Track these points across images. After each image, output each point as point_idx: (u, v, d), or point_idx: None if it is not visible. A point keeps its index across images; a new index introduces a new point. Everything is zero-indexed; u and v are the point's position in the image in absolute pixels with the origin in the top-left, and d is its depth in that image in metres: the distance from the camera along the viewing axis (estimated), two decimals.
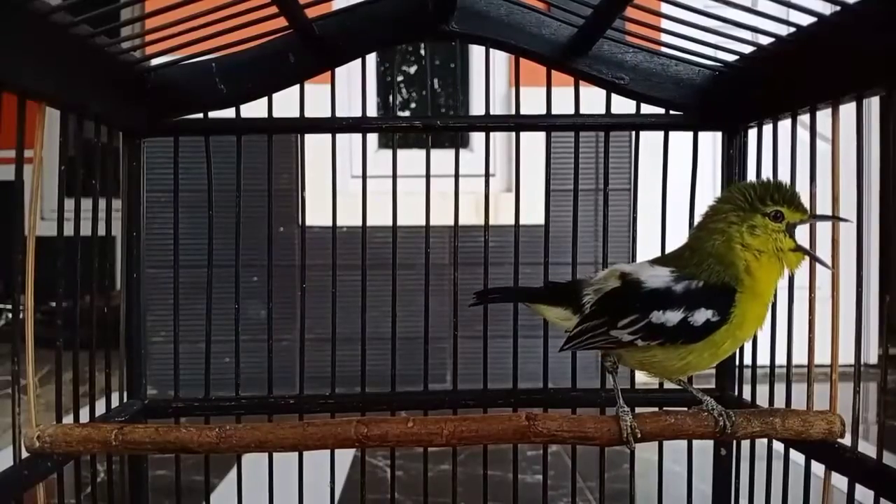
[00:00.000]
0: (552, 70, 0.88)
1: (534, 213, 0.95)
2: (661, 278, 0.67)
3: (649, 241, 0.89)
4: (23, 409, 0.64)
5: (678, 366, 0.68)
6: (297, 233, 2.37)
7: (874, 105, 2.56)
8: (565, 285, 0.74)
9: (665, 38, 0.81)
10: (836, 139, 0.68)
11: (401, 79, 2.88)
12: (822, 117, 0.73)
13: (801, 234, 0.68)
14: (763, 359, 0.82)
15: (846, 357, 0.65)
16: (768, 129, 0.82)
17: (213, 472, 0.90)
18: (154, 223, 1.09)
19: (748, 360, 0.86)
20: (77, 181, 0.76)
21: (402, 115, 2.88)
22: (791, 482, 0.75)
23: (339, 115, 0.89)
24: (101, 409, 0.80)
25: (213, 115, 0.88)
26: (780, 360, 0.78)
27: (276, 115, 0.89)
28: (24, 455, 0.64)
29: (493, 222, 0.91)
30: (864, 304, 0.68)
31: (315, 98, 0.89)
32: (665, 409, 0.71)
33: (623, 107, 0.89)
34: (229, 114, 0.88)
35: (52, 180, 0.66)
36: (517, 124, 0.90)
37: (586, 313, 0.69)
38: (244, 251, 0.90)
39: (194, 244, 0.95)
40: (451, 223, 0.89)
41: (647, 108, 0.89)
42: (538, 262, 0.89)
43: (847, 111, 0.69)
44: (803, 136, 0.77)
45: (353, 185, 2.17)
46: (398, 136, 0.90)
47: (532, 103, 0.88)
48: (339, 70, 0.88)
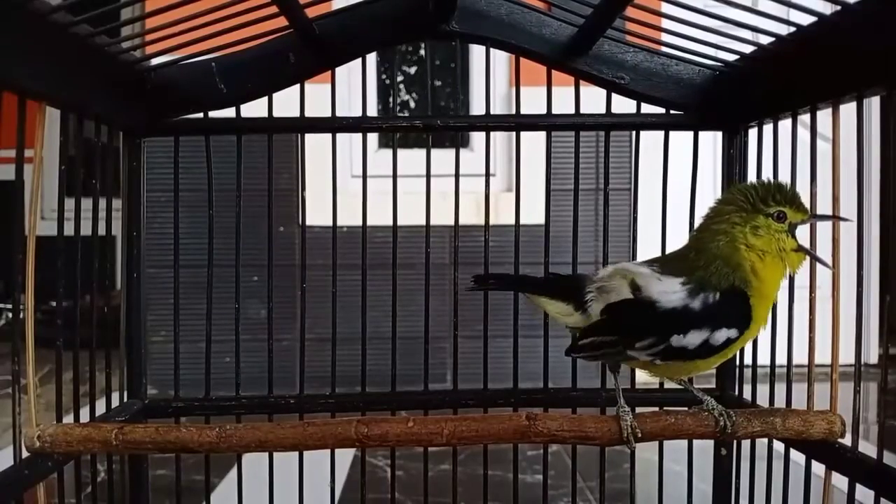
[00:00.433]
0: (552, 70, 0.88)
1: (534, 213, 0.95)
2: (676, 294, 0.65)
3: (649, 241, 0.89)
4: (23, 409, 0.64)
5: (685, 370, 0.69)
6: (297, 232, 2.37)
7: (874, 105, 2.56)
8: (567, 278, 0.73)
9: (665, 37, 0.81)
10: (837, 139, 0.68)
11: (401, 79, 2.87)
12: (822, 117, 0.72)
13: (802, 233, 0.68)
14: (763, 358, 0.82)
15: (846, 357, 0.65)
16: (769, 128, 0.82)
17: (214, 472, 0.90)
18: (154, 223, 1.09)
19: (748, 359, 0.86)
20: (77, 181, 0.76)
21: (402, 115, 2.88)
22: (791, 482, 0.75)
23: (339, 114, 0.89)
24: (101, 408, 0.80)
25: (213, 114, 0.88)
26: (781, 359, 0.78)
27: (276, 114, 0.89)
28: (25, 455, 0.64)
29: (493, 222, 0.91)
30: (865, 304, 0.68)
31: (315, 98, 0.89)
32: (665, 408, 0.71)
33: (623, 106, 0.89)
34: (229, 113, 0.88)
35: (52, 180, 0.66)
36: (517, 124, 0.90)
37: (594, 322, 0.68)
38: (244, 251, 0.90)
39: (194, 244, 0.95)
40: (452, 223, 0.89)
41: (647, 108, 0.89)
42: (538, 262, 0.89)
43: (847, 111, 0.69)
44: (804, 135, 0.77)
45: (353, 184, 2.16)
46: (398, 135, 0.91)
47: (532, 103, 0.88)
48: (339, 70, 0.88)
